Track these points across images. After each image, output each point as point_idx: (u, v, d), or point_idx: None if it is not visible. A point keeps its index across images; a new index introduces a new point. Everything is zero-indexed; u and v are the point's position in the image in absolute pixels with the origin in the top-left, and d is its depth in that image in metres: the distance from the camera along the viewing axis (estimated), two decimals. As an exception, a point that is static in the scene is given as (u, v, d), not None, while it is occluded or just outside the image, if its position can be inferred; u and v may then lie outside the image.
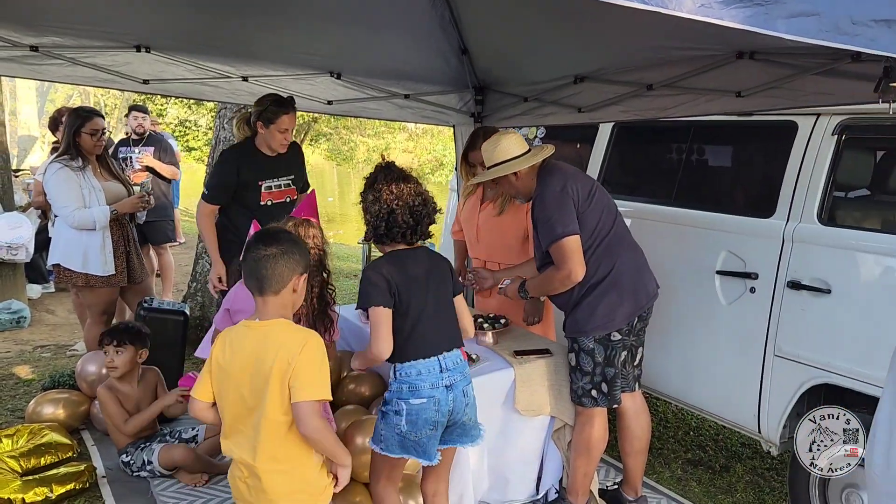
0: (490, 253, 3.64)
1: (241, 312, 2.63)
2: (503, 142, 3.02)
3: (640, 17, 2.75)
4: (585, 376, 2.97)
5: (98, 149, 4.01)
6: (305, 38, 3.63)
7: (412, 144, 18.62)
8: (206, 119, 16.53)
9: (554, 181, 2.91)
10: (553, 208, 2.85)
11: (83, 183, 3.89)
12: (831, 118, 2.95)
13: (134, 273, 4.12)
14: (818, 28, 1.71)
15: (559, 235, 2.81)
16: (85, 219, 3.87)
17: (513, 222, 3.52)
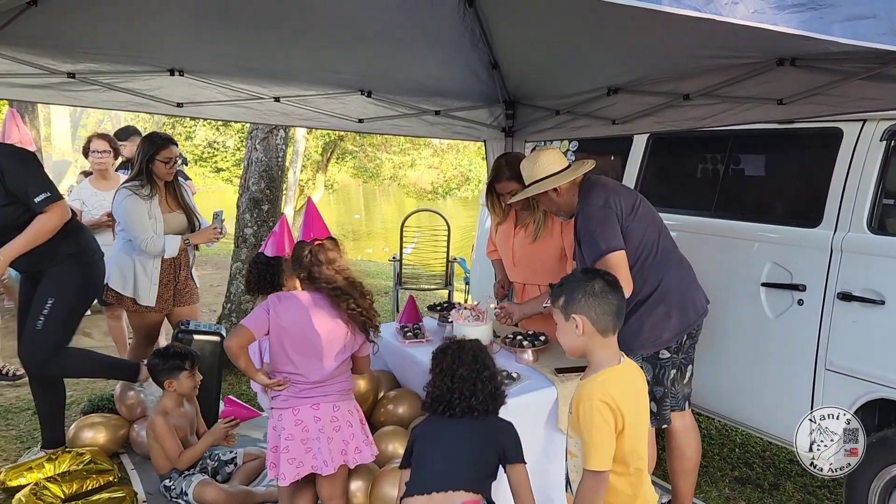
0: (527, 277, 3.61)
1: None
2: (542, 158, 2.99)
3: (676, 26, 2.73)
4: None
5: (169, 176, 4.05)
6: (336, 57, 3.63)
7: (438, 160, 18.58)
8: (234, 140, 16.69)
9: (596, 196, 2.87)
10: (596, 223, 2.80)
11: (149, 211, 3.94)
12: (878, 123, 2.87)
13: (179, 296, 4.15)
14: (875, 31, 1.65)
15: (604, 251, 2.75)
16: (157, 247, 3.93)
17: (548, 245, 3.47)
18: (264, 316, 2.61)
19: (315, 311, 2.64)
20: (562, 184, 2.93)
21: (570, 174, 2.95)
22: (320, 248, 2.69)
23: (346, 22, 3.26)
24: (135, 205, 3.89)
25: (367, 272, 10.56)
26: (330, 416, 2.65)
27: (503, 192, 3.48)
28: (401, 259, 6.55)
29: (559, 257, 3.45)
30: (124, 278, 3.99)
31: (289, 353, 2.62)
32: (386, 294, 8.45)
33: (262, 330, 2.61)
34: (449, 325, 3.63)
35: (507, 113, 4.42)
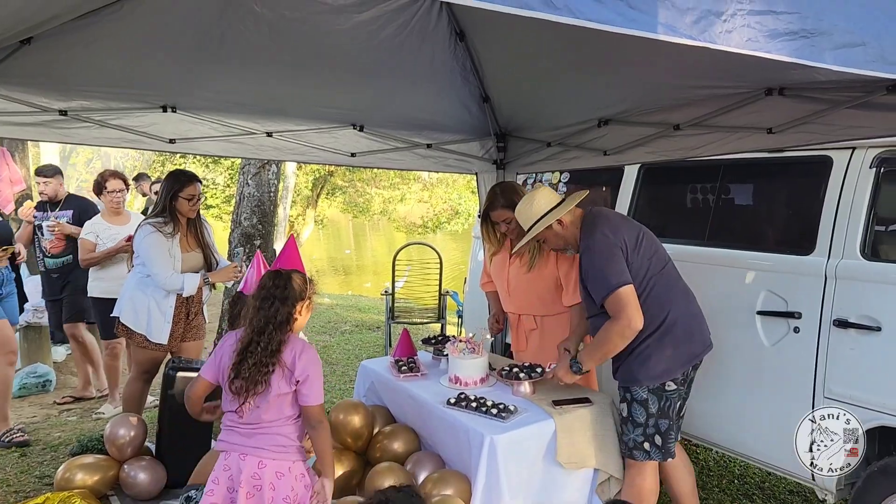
0: (523, 307, 3.58)
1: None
2: (537, 198, 3.01)
3: (665, 58, 2.77)
4: (637, 428, 2.87)
5: (193, 213, 4.05)
6: (328, 92, 3.65)
7: (427, 195, 18.67)
8: (224, 177, 16.72)
9: (598, 231, 2.86)
10: (603, 259, 2.79)
11: (170, 249, 3.93)
12: (868, 151, 2.90)
13: (187, 332, 4.14)
14: (865, 58, 1.68)
15: (614, 286, 2.74)
16: (177, 284, 3.91)
17: (543, 274, 3.46)
18: (212, 359, 2.57)
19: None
20: (564, 216, 2.93)
21: (569, 204, 2.96)
22: (273, 275, 2.54)
23: (338, 57, 3.29)
24: (158, 242, 3.89)
25: (358, 307, 10.51)
26: (252, 472, 2.41)
27: (498, 221, 3.48)
28: (393, 293, 6.52)
29: (555, 287, 3.44)
30: (137, 314, 3.97)
31: (225, 389, 2.50)
32: (378, 329, 8.40)
33: (211, 373, 2.55)
34: (444, 359, 3.61)
35: (499, 146, 4.45)
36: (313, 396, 2.46)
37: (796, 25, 1.56)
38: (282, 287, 2.46)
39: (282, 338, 2.43)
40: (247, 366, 2.39)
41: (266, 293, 2.46)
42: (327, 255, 26.16)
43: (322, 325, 8.57)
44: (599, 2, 1.31)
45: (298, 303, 2.51)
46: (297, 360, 2.44)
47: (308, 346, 2.53)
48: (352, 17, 3.04)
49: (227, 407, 2.51)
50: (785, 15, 1.54)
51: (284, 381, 2.43)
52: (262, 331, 2.41)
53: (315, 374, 2.47)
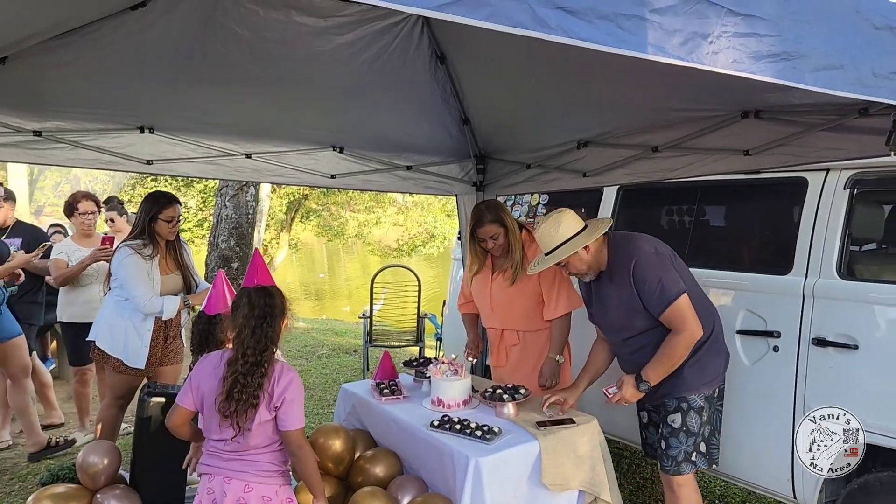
0: (506, 322, 3.60)
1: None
2: (563, 221, 2.97)
3: (644, 81, 2.82)
4: (691, 437, 2.91)
5: (172, 235, 3.99)
6: (309, 114, 3.65)
7: (402, 218, 18.70)
8: (196, 200, 16.58)
9: (643, 246, 2.90)
10: (659, 271, 2.82)
11: (149, 272, 3.87)
12: (841, 172, 2.96)
13: (165, 356, 4.06)
14: (843, 81, 1.72)
15: (674, 296, 2.78)
16: (156, 307, 3.84)
17: (526, 288, 3.49)
18: (188, 384, 2.49)
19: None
20: (591, 241, 2.92)
21: (597, 230, 2.94)
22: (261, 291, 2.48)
23: (319, 79, 3.29)
24: (137, 264, 3.82)
25: (334, 331, 10.42)
26: (237, 496, 2.37)
27: (485, 237, 3.49)
28: (371, 316, 6.48)
29: (537, 301, 3.48)
30: (113, 338, 3.89)
31: (208, 414, 2.44)
32: (355, 352, 8.33)
33: (189, 400, 2.48)
34: (426, 381, 3.58)
35: (478, 167, 4.48)
36: (291, 421, 2.41)
37: (778, 48, 1.59)
38: (272, 304, 2.42)
39: (272, 357, 2.39)
40: (239, 388, 2.33)
41: (260, 311, 2.40)
42: (301, 280, 25.96)
43: (298, 350, 8.47)
44: (591, 23, 1.33)
45: (282, 320, 2.47)
46: (275, 384, 2.39)
47: (287, 368, 2.48)
48: (333, 39, 3.05)
49: (210, 432, 2.45)
50: (767, 38, 1.57)
51: (264, 407, 2.37)
52: (263, 350, 2.36)
53: (292, 398, 2.41)
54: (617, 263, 2.94)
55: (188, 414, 2.52)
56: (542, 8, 1.27)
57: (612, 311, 3.02)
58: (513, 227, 3.51)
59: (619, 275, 2.93)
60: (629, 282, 2.87)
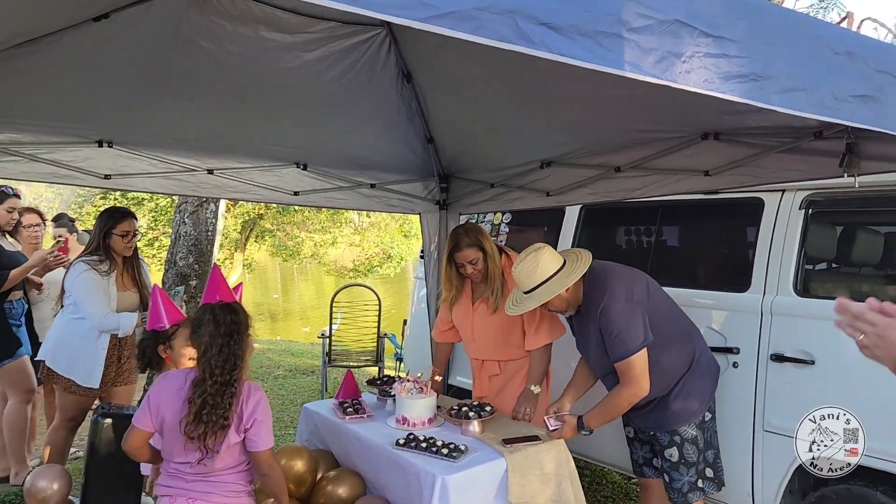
0: (488, 352, 3.54)
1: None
2: (542, 259, 2.92)
3: (607, 102, 2.88)
4: (691, 468, 2.91)
5: (128, 251, 3.88)
6: (272, 131, 3.62)
7: (359, 238, 18.60)
8: (147, 219, 16.24)
9: (616, 289, 2.86)
10: (623, 321, 2.80)
11: (106, 289, 3.74)
12: (797, 193, 3.07)
13: (119, 376, 3.93)
14: (806, 102, 1.78)
15: (630, 352, 2.77)
16: (113, 324, 3.71)
17: (508, 318, 3.37)
18: (145, 404, 2.40)
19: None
20: (571, 283, 2.89)
21: (579, 270, 2.92)
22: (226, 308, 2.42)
23: (284, 95, 3.27)
24: (92, 280, 3.70)
25: (291, 351, 10.27)
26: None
27: (464, 262, 3.40)
28: (330, 336, 6.42)
29: (519, 331, 3.42)
30: (65, 357, 3.76)
31: (170, 436, 2.37)
32: (313, 373, 8.22)
33: (147, 421, 2.39)
34: (390, 400, 3.55)
35: (442, 186, 4.49)
36: (262, 441, 2.36)
37: (746, 69, 1.65)
38: (237, 321, 2.37)
39: (241, 376, 2.33)
40: (209, 410, 2.25)
41: (226, 329, 2.34)
42: (254, 300, 25.55)
43: (254, 371, 8.31)
44: (572, 40, 1.36)
45: (247, 335, 2.42)
46: (244, 405, 2.33)
47: (255, 387, 2.43)
48: (301, 56, 3.04)
49: (172, 454, 2.37)
50: (736, 59, 1.62)
51: (233, 429, 2.31)
52: (232, 369, 2.29)
53: (262, 418, 2.36)
54: (590, 301, 2.94)
55: (146, 435, 2.43)
56: (526, 23, 1.29)
57: (589, 346, 3.03)
58: (492, 251, 3.42)
59: (590, 315, 2.95)
60: (596, 326, 2.90)
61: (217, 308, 2.40)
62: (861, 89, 1.89)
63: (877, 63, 1.90)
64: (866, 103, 1.91)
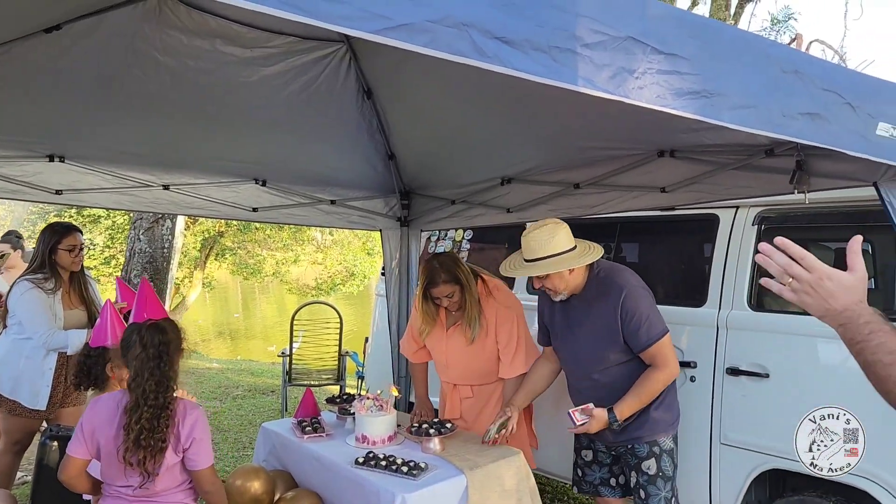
0: (462, 377, 3.49)
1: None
2: (559, 233, 2.84)
3: (566, 120, 2.92)
4: (667, 483, 2.87)
5: (76, 265, 3.76)
6: (230, 146, 3.58)
7: (321, 256, 18.44)
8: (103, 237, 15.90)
9: (631, 279, 2.88)
10: (648, 307, 2.81)
11: (52, 307, 3.63)
12: (750, 209, 3.13)
13: (66, 397, 3.80)
14: (756, 119, 1.82)
15: (660, 334, 2.77)
16: (60, 342, 3.59)
17: (484, 346, 3.35)
18: (79, 432, 2.35)
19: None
20: (578, 265, 2.84)
21: (591, 255, 2.87)
22: (154, 328, 2.36)
23: (243, 110, 3.25)
24: (37, 299, 3.59)
25: (250, 371, 10.09)
26: None
27: (440, 297, 3.33)
28: (290, 354, 6.33)
29: (494, 358, 3.37)
30: (10, 379, 3.63)
31: (108, 461, 2.33)
32: (272, 392, 8.08)
33: (83, 449, 2.34)
34: (349, 418, 3.50)
35: (403, 203, 4.48)
36: (201, 460, 2.32)
37: (698, 86, 1.68)
38: (166, 341, 2.31)
39: (174, 396, 2.28)
40: (146, 435, 2.21)
41: (155, 351, 2.28)
42: (214, 320, 25.13)
43: (212, 391, 8.14)
44: (526, 54, 1.37)
45: (179, 354, 2.38)
46: (181, 425, 2.29)
47: (191, 406, 2.39)
48: (259, 70, 3.02)
49: (112, 479, 2.31)
50: (688, 76, 1.65)
51: (171, 450, 2.27)
52: (164, 391, 2.25)
53: (201, 435, 2.32)
54: (600, 292, 2.86)
55: (82, 463, 2.37)
56: (480, 37, 1.29)
57: (582, 339, 2.94)
58: (467, 282, 3.31)
59: (601, 303, 2.86)
60: (615, 313, 2.80)
61: (144, 329, 2.35)
62: (808, 107, 1.94)
63: (823, 82, 1.95)
64: (814, 121, 1.96)
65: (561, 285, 2.88)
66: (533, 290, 3.02)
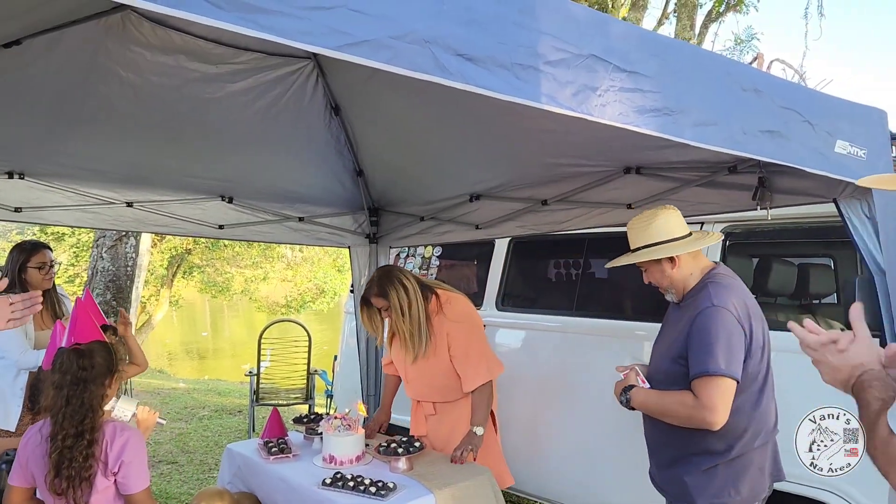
0: (420, 394, 3.47)
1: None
2: (659, 218, 2.42)
3: (533, 137, 2.93)
4: None
5: (47, 283, 3.64)
6: (196, 162, 3.54)
7: (291, 273, 18.29)
8: (67, 255, 15.61)
9: (731, 305, 2.24)
10: (722, 336, 2.19)
11: (25, 328, 3.51)
12: (714, 225, 3.17)
13: (38, 416, 3.67)
14: (717, 136, 1.85)
15: (718, 371, 2.16)
16: (31, 362, 3.47)
17: (432, 364, 3.29)
18: (17, 461, 2.30)
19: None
20: (680, 252, 2.35)
21: (693, 243, 2.40)
22: (74, 353, 2.29)
23: (208, 126, 3.21)
24: None
25: (217, 390, 9.93)
26: None
27: (379, 308, 3.31)
28: (258, 373, 6.24)
29: (450, 374, 3.30)
30: None
31: (41, 488, 2.27)
32: (240, 412, 7.96)
33: (20, 477, 2.29)
34: (317, 437, 3.45)
35: (372, 220, 4.47)
36: (133, 483, 2.27)
37: (660, 103, 1.70)
38: (87, 366, 2.25)
39: (98, 423, 2.23)
40: (67, 464, 2.15)
41: (73, 377, 2.23)
42: (182, 339, 24.74)
43: (178, 412, 7.99)
44: (489, 71, 1.37)
45: (107, 379, 2.31)
46: (108, 449, 2.24)
47: (121, 428, 2.32)
48: (225, 87, 2.99)
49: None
50: (651, 93, 1.67)
51: (101, 476, 2.22)
52: (81, 420, 2.18)
53: (131, 459, 2.27)
54: (694, 300, 2.34)
55: (24, 492, 2.31)
56: (443, 54, 1.29)
57: (658, 347, 2.53)
58: (397, 300, 3.20)
59: (684, 312, 2.39)
60: (687, 327, 2.30)
61: (65, 354, 2.29)
62: (768, 125, 1.98)
63: (782, 100, 2.00)
64: (773, 139, 2.00)
65: (663, 281, 2.46)
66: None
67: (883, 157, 2.32)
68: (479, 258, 4.35)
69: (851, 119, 2.23)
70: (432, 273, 4.70)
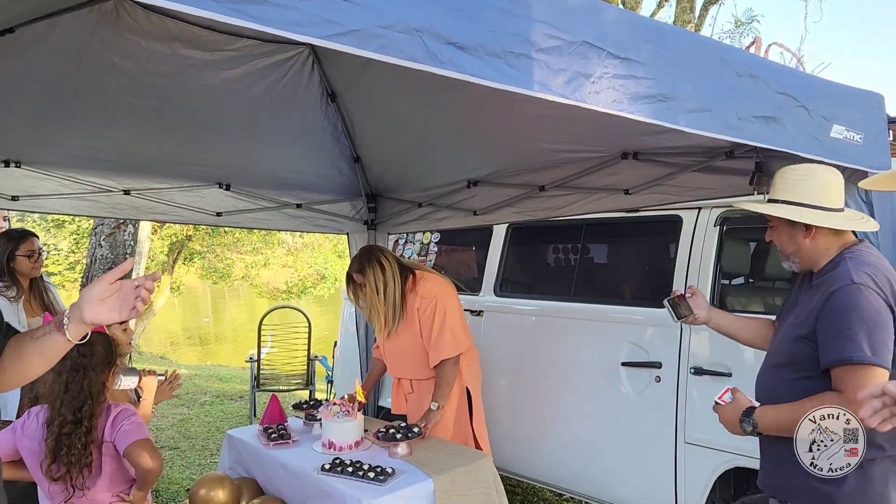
0: (399, 371, 3.56)
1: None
2: (822, 177, 2.05)
3: (530, 122, 2.92)
4: None
5: (36, 271, 3.66)
6: (193, 150, 3.53)
7: (292, 259, 18.29)
8: (67, 242, 15.62)
9: (874, 283, 1.91)
10: (863, 318, 1.87)
11: (17, 315, 3.52)
12: (712, 211, 3.17)
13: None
14: (711, 122, 1.85)
15: (864, 359, 1.83)
16: None
17: (408, 341, 3.38)
18: (9, 433, 2.31)
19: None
20: (822, 224, 2.02)
21: (841, 221, 2.05)
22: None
23: (204, 113, 3.20)
24: (2, 307, 3.48)
25: (219, 376, 9.98)
26: None
27: (361, 284, 3.43)
28: (259, 359, 6.26)
29: (423, 351, 3.39)
30: None
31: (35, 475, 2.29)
32: (241, 398, 8.00)
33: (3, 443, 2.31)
34: (317, 423, 3.47)
35: (370, 206, 4.46)
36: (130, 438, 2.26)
37: (654, 90, 1.69)
38: (88, 353, 2.26)
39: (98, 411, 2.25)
40: (65, 451, 2.17)
41: (73, 363, 2.23)
42: (183, 325, 24.81)
43: (179, 398, 8.02)
44: (480, 59, 1.36)
45: (107, 369, 2.32)
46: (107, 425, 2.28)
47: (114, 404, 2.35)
48: (220, 74, 2.98)
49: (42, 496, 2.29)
50: (644, 80, 1.67)
51: (109, 458, 2.25)
52: (79, 407, 2.20)
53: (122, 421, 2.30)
54: (825, 279, 2.02)
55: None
56: (433, 42, 1.29)
57: (785, 323, 2.17)
58: (374, 282, 3.34)
59: (814, 291, 2.05)
60: (818, 307, 1.97)
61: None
62: (764, 110, 1.97)
63: (777, 85, 1.99)
64: (769, 124, 2.00)
65: (788, 247, 2.13)
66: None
67: (880, 141, 2.31)
68: (477, 244, 4.35)
69: (848, 104, 2.22)
70: (430, 259, 4.70)
